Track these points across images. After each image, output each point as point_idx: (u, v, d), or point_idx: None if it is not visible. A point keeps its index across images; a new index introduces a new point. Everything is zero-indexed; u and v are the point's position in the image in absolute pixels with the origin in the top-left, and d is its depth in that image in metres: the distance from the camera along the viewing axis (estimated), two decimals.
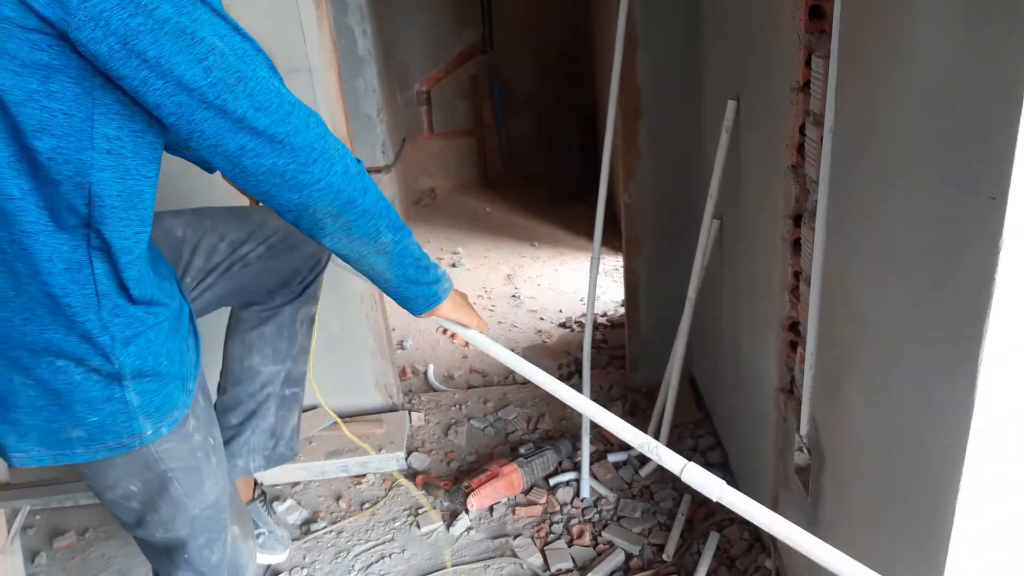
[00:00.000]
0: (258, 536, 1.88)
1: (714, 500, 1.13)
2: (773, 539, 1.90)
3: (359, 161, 1.13)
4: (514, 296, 3.75)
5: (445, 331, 1.43)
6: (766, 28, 1.66)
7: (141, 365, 1.10)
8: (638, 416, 2.59)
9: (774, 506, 1.87)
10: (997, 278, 0.87)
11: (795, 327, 1.66)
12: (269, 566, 2.04)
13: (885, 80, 1.13)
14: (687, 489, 2.20)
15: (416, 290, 1.26)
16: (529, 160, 5.41)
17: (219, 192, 1.89)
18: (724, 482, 1.13)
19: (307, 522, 2.26)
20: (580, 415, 2.33)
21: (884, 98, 1.15)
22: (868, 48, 1.18)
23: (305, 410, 2.60)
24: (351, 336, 2.54)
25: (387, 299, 2.61)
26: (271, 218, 1.51)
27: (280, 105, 0.99)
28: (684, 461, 1.16)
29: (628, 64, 2.22)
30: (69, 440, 1.10)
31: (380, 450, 2.45)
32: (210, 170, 1.41)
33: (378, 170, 4.62)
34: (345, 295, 2.48)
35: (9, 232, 0.98)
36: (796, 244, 1.59)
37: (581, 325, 3.37)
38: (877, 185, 1.19)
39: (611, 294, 3.61)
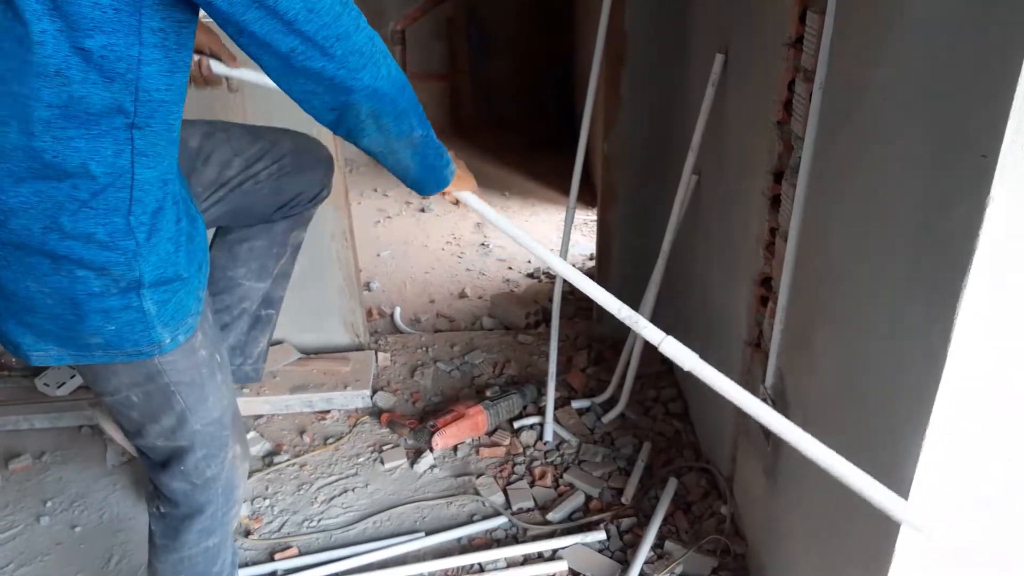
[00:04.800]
0: None
1: (686, 370, 1.21)
2: (729, 486, 1.97)
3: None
4: (483, 245, 3.75)
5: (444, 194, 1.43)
6: None
7: (161, 273, 1.10)
8: (602, 366, 2.63)
9: (733, 453, 1.94)
10: (981, 235, 0.89)
11: (767, 282, 1.70)
12: None
13: (882, 38, 1.14)
14: (647, 437, 2.26)
15: (431, 175, 1.28)
16: (504, 107, 5.35)
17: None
18: (697, 355, 1.20)
19: (270, 454, 2.26)
20: (546, 362, 2.36)
21: (880, 56, 1.16)
22: (866, 4, 1.19)
23: (270, 344, 2.58)
24: (320, 273, 2.52)
25: (357, 238, 2.59)
26: (283, 139, 1.51)
27: (332, 5, 0.97)
28: (663, 335, 1.22)
29: (616, 8, 2.19)
30: (88, 345, 1.11)
31: (345, 387, 2.45)
32: None
33: None
34: (315, 231, 2.44)
35: (46, 140, 0.97)
36: (775, 200, 1.62)
37: (549, 276, 3.39)
38: (865, 143, 1.21)
39: (580, 247, 3.63)
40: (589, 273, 3.26)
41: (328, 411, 2.44)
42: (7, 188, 0.99)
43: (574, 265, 3.51)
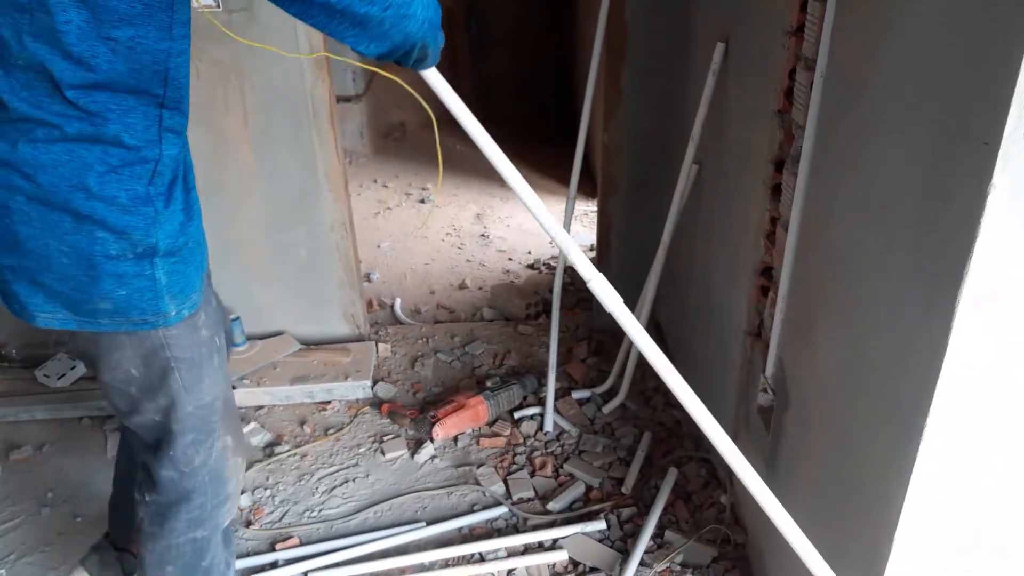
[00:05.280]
0: None
1: (607, 312, 1.24)
2: (729, 476, 1.97)
3: None
4: (483, 235, 3.75)
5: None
6: None
7: (173, 242, 1.15)
8: (602, 356, 2.63)
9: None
10: (982, 223, 0.89)
11: (767, 272, 1.70)
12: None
13: (883, 27, 1.14)
14: (647, 427, 2.27)
15: (433, 61, 1.21)
16: (503, 99, 5.33)
17: None
18: (622, 300, 1.24)
19: (270, 445, 2.26)
20: (547, 353, 2.36)
21: (880, 44, 1.15)
22: None
23: (270, 336, 2.59)
24: (320, 264, 2.51)
25: (356, 230, 2.58)
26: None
27: None
28: (595, 273, 1.23)
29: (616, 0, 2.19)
30: (96, 311, 1.14)
31: (346, 378, 2.45)
32: None
33: (347, 99, 4.51)
34: (315, 223, 2.45)
35: (82, 109, 1.02)
36: (776, 190, 1.61)
37: (549, 267, 3.39)
38: (866, 131, 1.21)
39: (580, 238, 3.63)
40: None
41: (329, 402, 2.44)
42: (41, 145, 1.04)
43: None
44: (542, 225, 1.25)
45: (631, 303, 2.40)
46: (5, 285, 1.15)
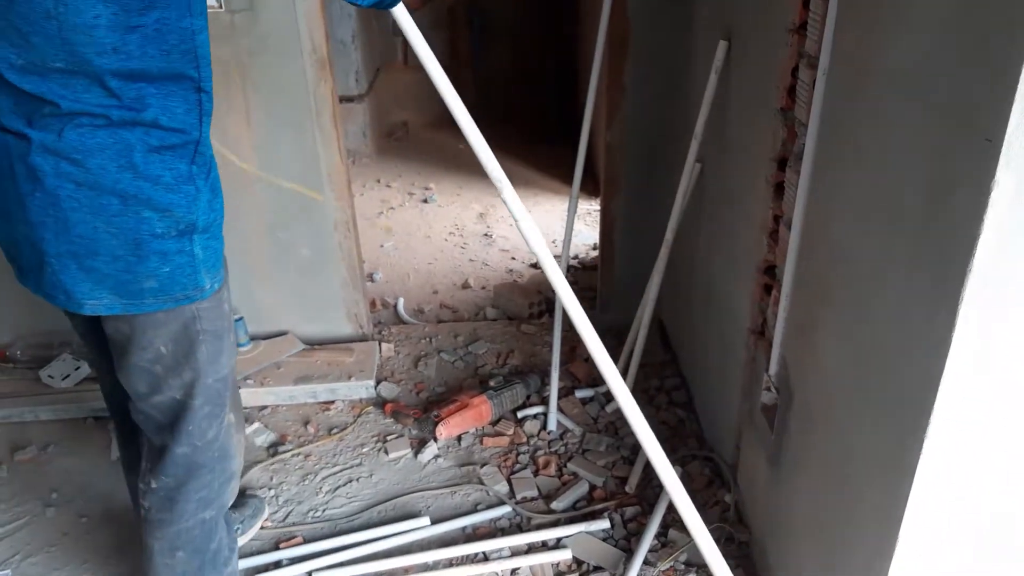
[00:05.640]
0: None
1: (519, 225, 1.37)
2: (733, 474, 1.97)
3: None
4: (486, 235, 3.74)
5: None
6: None
7: (207, 218, 1.22)
8: None
9: (737, 441, 1.93)
10: (986, 219, 0.89)
11: (771, 270, 1.70)
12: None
13: (885, 23, 1.13)
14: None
15: None
16: (504, 98, 5.33)
17: None
18: (530, 217, 1.34)
19: (274, 445, 2.27)
20: (550, 352, 2.36)
21: (883, 41, 1.15)
22: None
23: (274, 336, 2.60)
24: (323, 263, 2.52)
25: (360, 230, 2.58)
26: None
27: None
28: (525, 213, 1.33)
29: None
30: (141, 291, 1.19)
31: (350, 378, 2.45)
32: None
33: (350, 99, 4.52)
34: (318, 222, 2.45)
35: (121, 97, 1.08)
36: (779, 188, 1.61)
37: None
38: (868, 128, 1.20)
39: (583, 237, 3.63)
40: (593, 263, 3.26)
41: (332, 401, 2.44)
42: (86, 133, 1.10)
43: (576, 255, 3.51)
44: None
45: (634, 302, 2.41)
46: (53, 276, 1.19)
